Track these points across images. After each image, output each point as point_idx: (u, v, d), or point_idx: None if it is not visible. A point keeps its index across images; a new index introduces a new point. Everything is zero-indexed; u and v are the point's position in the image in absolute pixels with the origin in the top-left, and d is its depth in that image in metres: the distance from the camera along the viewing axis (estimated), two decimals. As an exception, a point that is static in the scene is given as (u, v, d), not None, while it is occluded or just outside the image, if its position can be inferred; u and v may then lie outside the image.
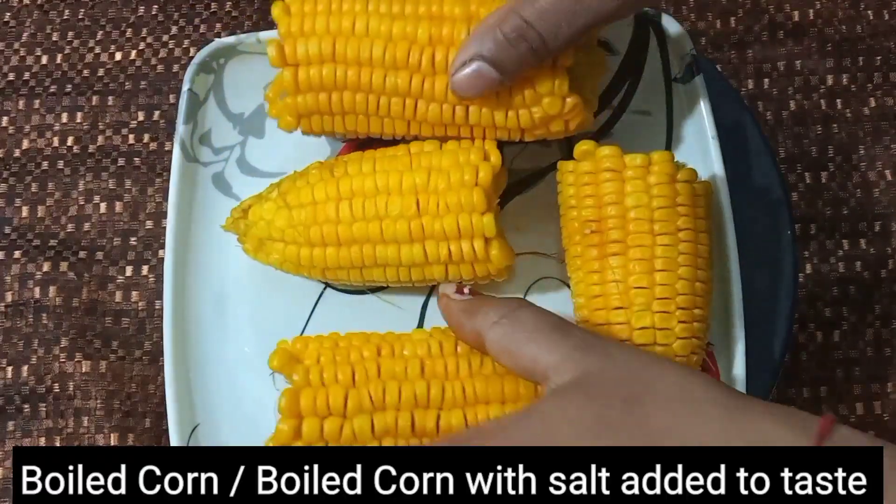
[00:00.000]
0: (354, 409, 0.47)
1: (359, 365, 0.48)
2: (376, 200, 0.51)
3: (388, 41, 0.51)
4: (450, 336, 0.49)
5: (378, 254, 0.51)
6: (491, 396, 0.47)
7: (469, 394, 0.47)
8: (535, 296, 0.56)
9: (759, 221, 0.56)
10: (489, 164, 0.51)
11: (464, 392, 0.47)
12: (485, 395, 0.47)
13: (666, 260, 0.49)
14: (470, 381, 0.47)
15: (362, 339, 0.50)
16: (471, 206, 0.50)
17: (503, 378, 0.47)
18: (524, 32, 0.47)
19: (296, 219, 0.52)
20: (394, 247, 0.51)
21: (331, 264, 0.52)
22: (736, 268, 0.52)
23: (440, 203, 0.50)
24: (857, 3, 0.66)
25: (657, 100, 0.58)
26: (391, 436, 0.47)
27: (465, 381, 0.47)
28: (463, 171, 0.50)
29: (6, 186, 0.64)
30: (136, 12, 0.68)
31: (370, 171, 0.52)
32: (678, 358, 0.49)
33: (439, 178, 0.51)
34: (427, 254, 0.51)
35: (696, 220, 0.51)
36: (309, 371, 0.48)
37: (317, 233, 0.52)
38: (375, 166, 0.52)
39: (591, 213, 0.51)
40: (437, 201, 0.50)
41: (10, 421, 0.59)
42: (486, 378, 0.47)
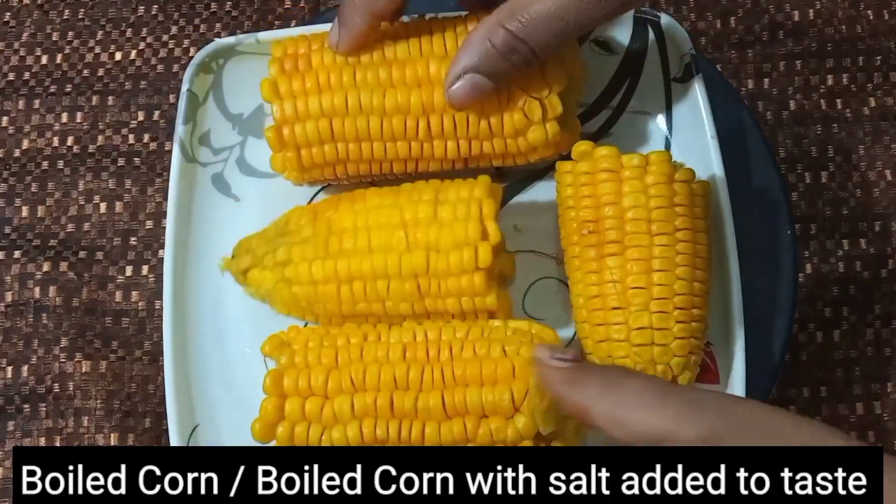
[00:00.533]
0: (335, 389, 0.48)
1: (343, 349, 0.49)
2: (377, 284, 0.51)
3: (384, 115, 0.51)
4: (435, 325, 0.50)
5: (382, 322, 0.52)
6: (469, 379, 0.47)
7: (448, 377, 0.47)
8: (535, 296, 0.56)
9: (759, 221, 0.56)
10: (488, 245, 0.50)
11: (442, 375, 0.47)
12: (463, 378, 0.47)
13: (664, 260, 0.49)
14: (449, 364, 0.48)
15: (353, 328, 0.51)
16: (472, 290, 0.50)
17: (482, 361, 0.47)
18: (514, 45, 0.48)
19: (297, 294, 0.52)
20: (398, 319, 0.52)
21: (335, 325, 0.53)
22: (735, 268, 0.52)
23: (441, 286, 0.50)
24: (857, 3, 0.66)
25: (656, 100, 0.58)
26: (370, 416, 0.48)
27: (444, 364, 0.48)
28: (462, 253, 0.50)
29: (6, 186, 0.64)
30: (136, 12, 0.68)
31: (366, 249, 0.51)
32: (676, 358, 0.49)
33: (438, 259, 0.50)
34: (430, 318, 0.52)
35: (695, 220, 0.51)
36: (295, 354, 0.49)
37: (321, 309, 0.52)
38: (370, 242, 0.51)
39: (589, 214, 0.51)
40: (439, 284, 0.50)
41: (10, 421, 0.59)
42: (465, 362, 0.47)
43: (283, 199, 0.57)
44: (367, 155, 0.53)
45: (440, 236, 0.50)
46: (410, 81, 0.52)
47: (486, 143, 0.53)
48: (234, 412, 0.54)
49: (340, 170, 0.54)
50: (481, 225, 0.50)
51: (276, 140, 0.53)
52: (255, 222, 0.56)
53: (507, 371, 0.47)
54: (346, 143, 0.52)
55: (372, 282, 0.51)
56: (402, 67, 0.52)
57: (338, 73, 0.52)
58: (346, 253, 0.51)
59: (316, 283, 0.52)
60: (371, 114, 0.52)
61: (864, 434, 0.59)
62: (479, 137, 0.52)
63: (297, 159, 0.53)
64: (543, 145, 0.52)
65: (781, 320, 0.55)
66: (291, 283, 0.52)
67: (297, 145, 0.53)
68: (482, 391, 0.47)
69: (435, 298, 0.51)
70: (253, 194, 0.58)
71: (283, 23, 0.66)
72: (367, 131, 0.52)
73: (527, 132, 0.52)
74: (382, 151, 0.53)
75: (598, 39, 0.57)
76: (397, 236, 0.51)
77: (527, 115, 0.51)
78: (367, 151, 0.53)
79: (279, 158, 0.54)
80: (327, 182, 0.56)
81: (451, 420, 0.47)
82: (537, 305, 0.55)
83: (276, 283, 0.53)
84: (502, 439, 0.47)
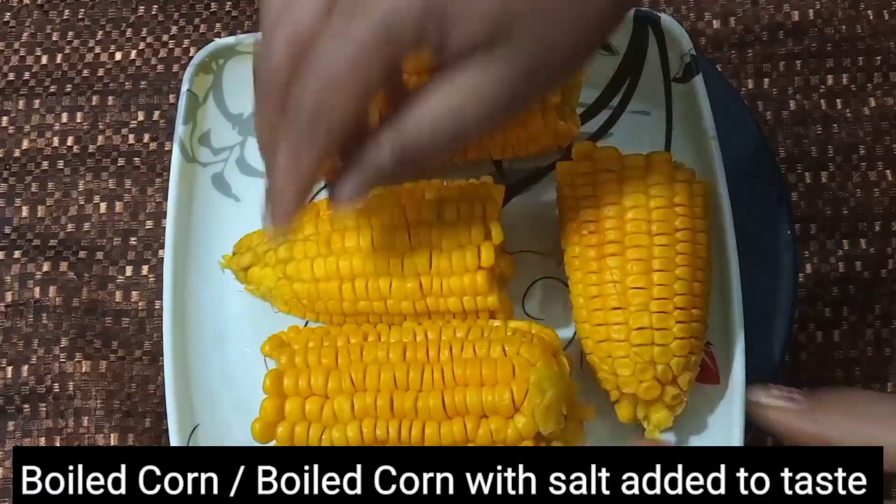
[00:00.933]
0: (335, 389, 0.48)
1: (343, 349, 0.49)
2: (379, 283, 0.51)
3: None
4: (435, 325, 0.50)
5: (384, 321, 0.52)
6: (469, 379, 0.47)
7: (448, 377, 0.47)
8: (535, 296, 0.56)
9: (759, 221, 0.56)
10: (491, 245, 0.50)
11: (443, 375, 0.47)
12: (463, 379, 0.47)
13: (664, 260, 0.49)
14: (450, 364, 0.47)
15: (353, 328, 0.51)
16: (474, 289, 0.50)
17: (482, 362, 0.47)
18: None
19: (298, 292, 0.52)
20: (399, 318, 0.52)
21: (336, 323, 0.53)
22: (736, 268, 0.52)
23: (444, 285, 0.50)
24: (857, 3, 0.66)
25: (656, 100, 0.58)
26: (370, 416, 0.48)
27: (444, 364, 0.48)
28: (465, 253, 0.50)
29: (6, 186, 0.64)
30: (136, 12, 0.68)
31: (368, 248, 0.51)
32: (676, 358, 0.49)
33: (441, 259, 0.50)
34: (432, 317, 0.52)
35: (695, 220, 0.51)
36: (295, 354, 0.49)
37: (321, 306, 0.52)
38: (373, 241, 0.51)
39: (589, 214, 0.51)
40: (441, 283, 0.50)
41: (10, 421, 0.59)
42: (465, 362, 0.47)
43: (283, 198, 0.57)
44: None
45: (443, 236, 0.50)
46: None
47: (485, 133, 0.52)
48: (234, 412, 0.54)
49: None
50: (485, 225, 0.50)
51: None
52: (255, 222, 0.56)
53: (508, 371, 0.47)
54: None
55: (374, 280, 0.51)
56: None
57: None
58: (348, 251, 0.51)
59: (317, 281, 0.52)
60: None
61: (864, 434, 0.59)
62: None
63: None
64: (542, 134, 0.52)
65: (781, 320, 0.55)
66: (293, 280, 0.52)
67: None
68: (482, 391, 0.47)
69: (437, 297, 0.51)
70: (253, 194, 0.58)
71: (283, 23, 0.66)
72: None
73: (525, 120, 0.52)
74: None
75: (598, 39, 0.57)
76: (400, 236, 0.51)
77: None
78: None
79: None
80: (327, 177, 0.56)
81: (451, 420, 0.47)
82: (537, 305, 0.55)
83: (277, 281, 0.53)
84: (502, 439, 0.47)
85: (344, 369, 0.48)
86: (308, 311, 0.54)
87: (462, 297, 0.50)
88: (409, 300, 0.51)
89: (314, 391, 0.48)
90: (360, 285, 0.51)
